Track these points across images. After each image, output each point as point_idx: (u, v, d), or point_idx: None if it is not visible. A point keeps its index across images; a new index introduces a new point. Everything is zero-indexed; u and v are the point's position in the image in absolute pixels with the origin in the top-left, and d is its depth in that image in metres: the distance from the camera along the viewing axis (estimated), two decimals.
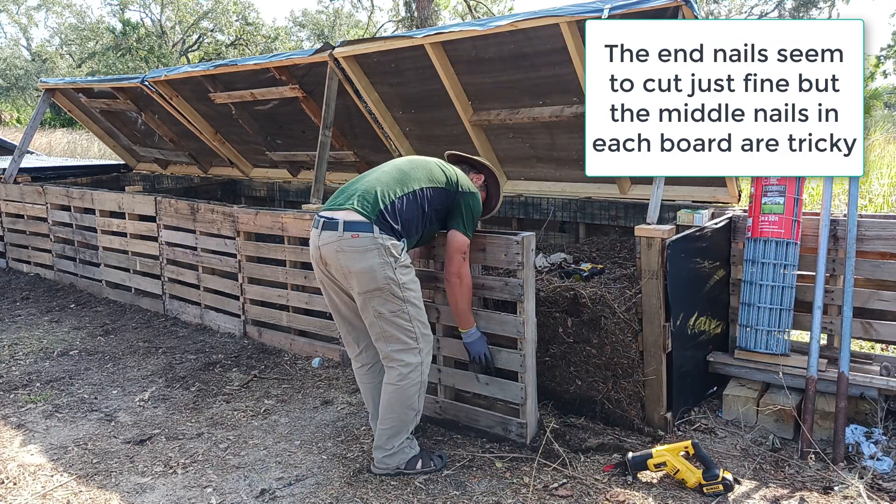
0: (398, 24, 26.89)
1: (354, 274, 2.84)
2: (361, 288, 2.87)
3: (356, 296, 2.92)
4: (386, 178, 3.00)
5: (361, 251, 2.82)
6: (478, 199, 3.12)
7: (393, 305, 2.89)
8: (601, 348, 3.38)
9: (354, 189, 2.98)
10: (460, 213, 3.05)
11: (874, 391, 3.26)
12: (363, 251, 2.82)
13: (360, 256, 2.82)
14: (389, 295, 2.87)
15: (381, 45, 4.61)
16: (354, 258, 2.83)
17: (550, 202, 4.88)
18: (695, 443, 2.92)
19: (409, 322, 2.94)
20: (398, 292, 2.87)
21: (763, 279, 3.47)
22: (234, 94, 5.81)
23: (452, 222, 3.06)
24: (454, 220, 3.06)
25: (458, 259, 3.05)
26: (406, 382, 2.97)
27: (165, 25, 34.71)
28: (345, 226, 2.83)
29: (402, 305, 2.90)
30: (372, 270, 2.82)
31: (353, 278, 2.86)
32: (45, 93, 7.55)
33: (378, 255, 2.82)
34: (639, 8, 3.45)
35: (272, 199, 6.93)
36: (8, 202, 7.13)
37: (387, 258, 2.83)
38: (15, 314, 5.77)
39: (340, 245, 2.84)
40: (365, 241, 2.82)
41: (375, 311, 2.90)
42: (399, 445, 3.04)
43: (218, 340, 4.95)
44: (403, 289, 2.89)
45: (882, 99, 18.60)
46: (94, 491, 3.02)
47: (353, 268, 2.84)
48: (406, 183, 2.97)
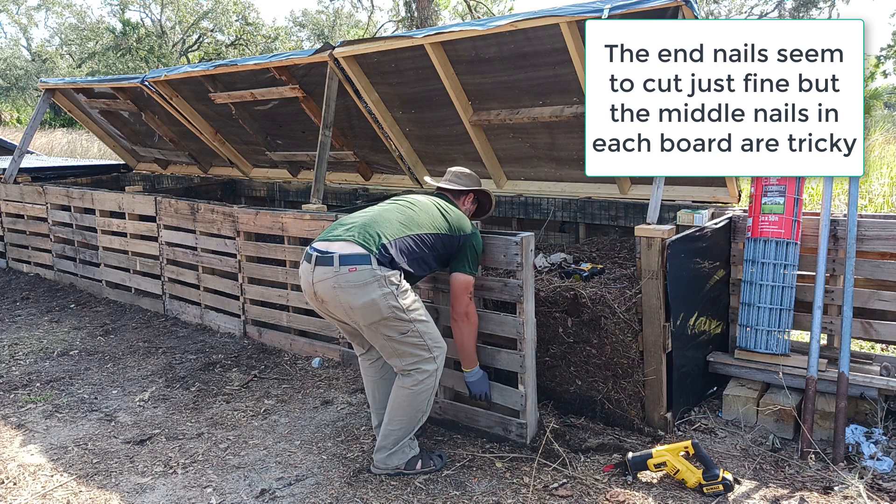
0: (398, 24, 26.90)
1: (357, 309, 2.77)
2: (366, 321, 2.83)
3: (362, 327, 2.90)
4: (389, 216, 2.97)
5: (361, 286, 2.73)
6: (479, 239, 3.13)
7: (402, 328, 2.87)
8: (601, 348, 3.38)
9: (354, 221, 2.94)
10: (465, 257, 3.06)
11: (874, 391, 3.26)
12: (363, 286, 2.73)
13: (359, 292, 2.72)
14: (396, 321, 2.84)
15: (381, 45, 4.61)
16: (354, 294, 2.73)
17: (550, 202, 4.88)
18: (695, 443, 2.92)
19: (420, 338, 2.93)
20: (404, 316, 2.85)
21: (763, 279, 3.47)
22: (234, 94, 5.81)
23: (458, 265, 3.07)
24: (459, 263, 3.07)
25: (465, 299, 3.06)
26: (420, 387, 2.98)
27: (165, 25, 34.72)
28: (341, 259, 2.72)
29: (411, 325, 2.88)
30: (375, 304, 2.75)
31: (357, 313, 2.79)
32: (45, 93, 7.55)
33: (378, 286, 2.74)
34: (639, 8, 3.45)
35: (272, 199, 6.93)
36: (8, 202, 7.13)
37: (387, 287, 2.77)
38: (15, 314, 5.77)
39: (338, 281, 2.74)
40: (363, 275, 2.72)
41: (385, 336, 2.89)
42: (400, 445, 3.04)
43: (218, 340, 4.95)
44: (409, 311, 2.86)
45: (882, 99, 18.59)
46: (94, 491, 3.02)
47: (354, 304, 2.75)
48: (410, 226, 2.95)
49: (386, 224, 2.90)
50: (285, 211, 4.66)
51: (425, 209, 3.07)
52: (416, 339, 2.91)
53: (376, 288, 2.74)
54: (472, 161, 5.15)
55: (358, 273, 2.71)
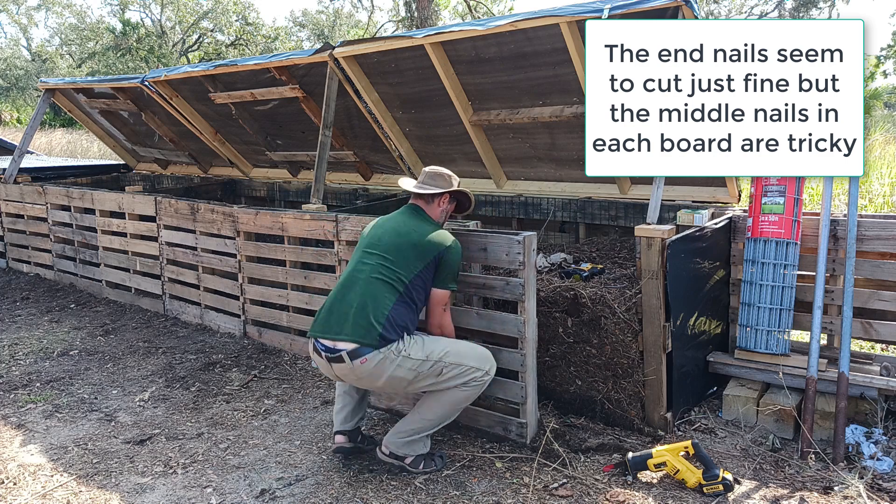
0: (398, 24, 26.89)
1: (385, 385, 2.98)
2: (397, 389, 3.04)
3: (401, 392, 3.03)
4: (375, 287, 2.93)
5: (376, 369, 2.88)
6: (457, 250, 3.07)
7: (434, 372, 2.95)
8: (601, 348, 3.38)
9: (348, 308, 2.93)
10: (443, 273, 3.04)
11: (874, 391, 3.26)
12: (377, 368, 2.88)
13: (377, 373, 2.89)
14: (426, 373, 2.94)
15: (381, 46, 4.61)
16: (374, 375, 2.91)
17: (550, 202, 4.88)
18: (695, 443, 2.92)
19: (459, 367, 2.98)
20: (428, 364, 2.93)
21: (763, 279, 3.47)
22: (234, 95, 5.81)
23: (438, 282, 3.05)
24: (437, 279, 3.05)
25: (438, 311, 3.09)
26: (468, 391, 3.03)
27: (165, 25, 34.71)
28: (350, 356, 2.86)
29: (441, 364, 2.95)
30: (395, 376, 2.91)
31: (387, 387, 3.02)
32: (45, 93, 7.55)
33: (390, 362, 2.88)
34: (639, 8, 3.46)
35: (272, 199, 6.93)
36: (8, 202, 7.13)
37: (398, 357, 2.88)
38: (15, 314, 5.77)
39: (355, 372, 2.91)
40: (374, 361, 2.86)
41: (427, 387, 3.00)
42: (420, 437, 3.06)
43: (218, 340, 4.95)
44: (429, 356, 2.93)
45: (882, 99, 18.59)
46: (94, 491, 3.02)
47: (378, 383, 2.96)
48: (394, 284, 2.94)
49: (375, 302, 2.91)
50: (285, 211, 4.66)
51: (400, 251, 3.00)
52: (456, 370, 2.98)
53: (389, 364, 2.88)
54: (472, 161, 5.15)
55: (369, 362, 2.87)
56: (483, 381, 3.04)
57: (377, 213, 4.97)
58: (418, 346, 2.94)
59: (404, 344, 2.91)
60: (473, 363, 3.01)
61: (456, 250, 3.07)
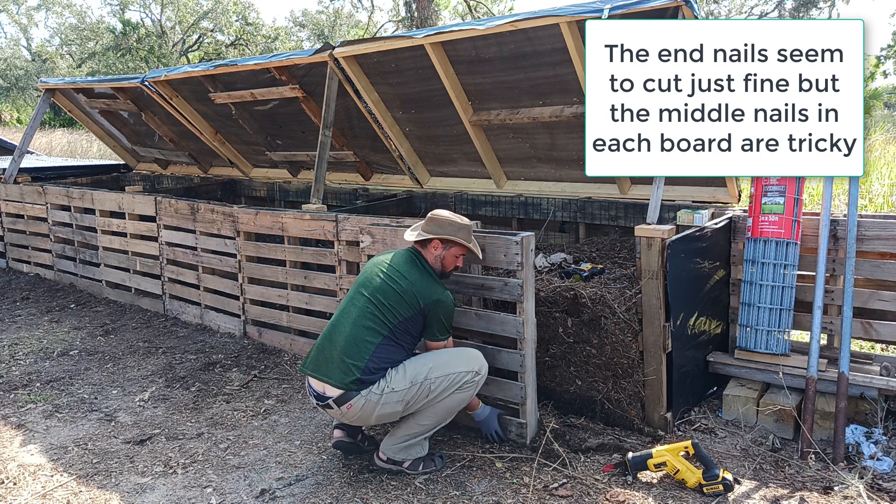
0: (398, 25, 26.89)
1: (376, 421, 3.03)
2: (393, 419, 3.04)
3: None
4: (358, 331, 2.95)
5: (363, 410, 2.93)
6: (445, 302, 3.03)
7: (423, 392, 2.96)
8: (601, 348, 3.38)
9: (333, 350, 2.96)
10: (433, 327, 3.04)
11: (874, 391, 3.26)
12: (364, 409, 2.93)
13: (366, 414, 2.94)
14: (415, 397, 2.96)
15: (381, 46, 4.61)
16: (363, 416, 2.96)
17: (550, 202, 4.88)
18: (695, 443, 2.92)
19: (447, 377, 2.98)
20: (414, 389, 2.94)
21: (763, 279, 3.47)
22: (234, 95, 5.81)
23: (426, 334, 3.07)
24: (428, 333, 3.06)
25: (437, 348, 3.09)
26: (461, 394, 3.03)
27: (165, 25, 34.71)
28: (337, 402, 2.92)
29: (428, 383, 2.96)
30: (383, 412, 2.94)
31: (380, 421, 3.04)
32: (45, 93, 7.55)
33: (376, 402, 2.91)
34: (639, 8, 3.45)
35: (272, 199, 6.93)
36: (8, 202, 7.13)
37: (381, 395, 2.91)
38: (15, 314, 5.77)
39: (345, 416, 2.99)
40: (359, 404, 2.91)
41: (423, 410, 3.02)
42: (417, 440, 3.06)
43: (218, 340, 4.95)
44: (414, 381, 2.94)
45: (882, 99, 18.56)
46: (94, 491, 3.02)
47: (370, 420, 3.01)
48: (379, 328, 2.96)
49: (357, 347, 2.93)
50: (285, 211, 4.66)
51: (387, 296, 2.99)
52: (445, 381, 2.98)
53: (375, 405, 2.92)
54: (472, 161, 5.15)
55: (354, 407, 2.92)
56: (475, 381, 3.05)
57: (377, 213, 4.99)
58: (400, 375, 2.94)
59: (386, 380, 2.92)
60: (462, 368, 3.01)
61: (444, 304, 3.03)
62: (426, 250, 3.14)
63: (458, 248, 3.14)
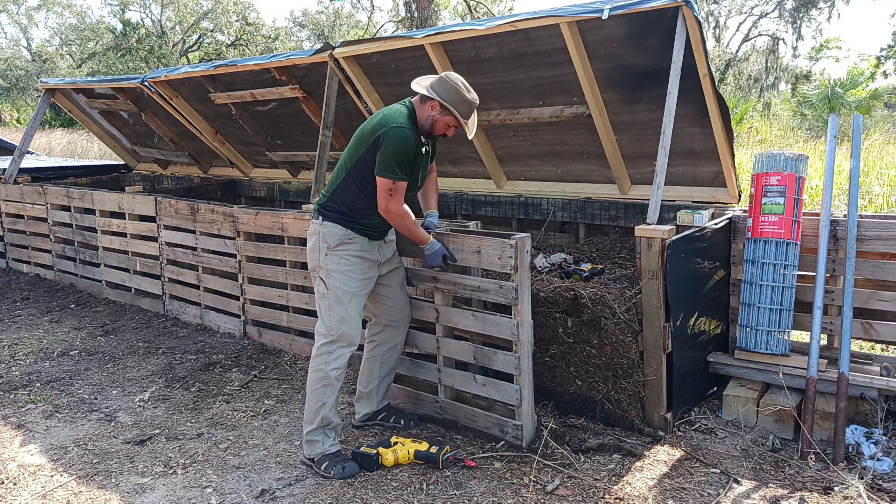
0: (398, 25, 26.90)
1: (307, 252, 3.24)
2: (310, 266, 3.23)
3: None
4: (336, 170, 3.18)
5: (310, 235, 3.20)
6: (394, 136, 2.91)
7: (321, 288, 3.15)
8: (601, 348, 3.38)
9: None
10: (378, 158, 2.96)
11: (874, 391, 3.26)
12: (309, 236, 3.20)
13: (309, 240, 3.21)
14: (318, 279, 3.16)
15: (381, 46, 4.61)
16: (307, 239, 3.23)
17: (550, 202, 4.88)
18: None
19: (327, 310, 3.13)
20: (325, 277, 3.13)
21: (763, 279, 3.47)
22: (234, 95, 5.82)
23: (376, 167, 2.98)
24: (376, 165, 2.98)
25: (382, 196, 3.03)
26: (313, 364, 3.16)
27: (165, 26, 34.71)
28: (313, 216, 3.21)
29: (325, 292, 3.13)
30: (311, 251, 3.18)
31: (307, 257, 3.25)
32: (45, 93, 7.55)
33: (315, 240, 3.15)
34: (639, 8, 3.45)
35: (272, 200, 6.94)
36: (8, 202, 7.13)
37: (320, 244, 3.12)
38: (15, 314, 5.77)
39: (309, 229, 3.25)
40: (313, 228, 3.18)
41: (316, 290, 3.21)
42: (311, 435, 3.13)
43: (218, 341, 4.95)
44: (329, 275, 3.11)
45: (882, 99, 18.53)
46: (94, 491, 3.02)
47: (307, 247, 3.24)
48: (344, 165, 3.12)
49: (330, 185, 3.17)
50: (285, 211, 4.66)
51: (353, 140, 3.11)
52: (324, 307, 3.14)
53: (314, 240, 3.16)
54: (473, 161, 5.15)
55: (312, 225, 3.18)
56: (326, 350, 3.14)
57: None
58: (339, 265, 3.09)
59: (334, 245, 3.09)
60: (328, 321, 3.12)
61: (391, 136, 2.92)
62: (423, 106, 3.09)
63: (454, 118, 3.06)
